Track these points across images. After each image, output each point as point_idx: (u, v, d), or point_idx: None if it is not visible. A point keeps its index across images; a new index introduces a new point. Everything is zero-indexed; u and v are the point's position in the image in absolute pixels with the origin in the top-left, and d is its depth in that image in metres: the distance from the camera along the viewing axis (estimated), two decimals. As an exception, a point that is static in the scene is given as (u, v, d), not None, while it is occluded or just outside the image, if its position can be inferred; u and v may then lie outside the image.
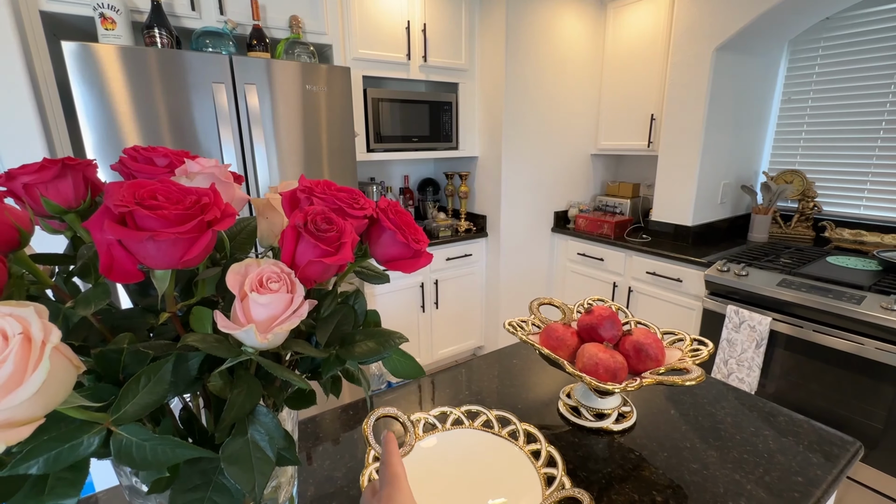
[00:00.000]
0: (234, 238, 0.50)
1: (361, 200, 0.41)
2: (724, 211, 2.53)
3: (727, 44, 2.11)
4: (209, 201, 0.29)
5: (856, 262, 1.89)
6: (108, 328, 0.38)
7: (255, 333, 0.29)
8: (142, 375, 0.30)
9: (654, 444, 0.82)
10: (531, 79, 2.54)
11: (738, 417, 0.90)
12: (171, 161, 0.40)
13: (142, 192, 0.28)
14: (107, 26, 1.50)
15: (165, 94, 1.57)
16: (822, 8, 2.03)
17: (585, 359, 0.81)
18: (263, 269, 0.31)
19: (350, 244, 0.34)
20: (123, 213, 0.27)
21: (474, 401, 0.96)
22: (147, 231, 0.26)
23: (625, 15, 2.56)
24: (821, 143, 2.38)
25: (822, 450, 0.80)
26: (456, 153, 2.69)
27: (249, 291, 0.30)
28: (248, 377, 0.36)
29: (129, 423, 0.28)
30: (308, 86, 1.83)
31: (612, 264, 2.51)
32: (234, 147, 1.71)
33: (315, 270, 0.33)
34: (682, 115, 2.30)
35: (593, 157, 2.98)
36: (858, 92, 2.22)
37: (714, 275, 1.93)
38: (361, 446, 0.82)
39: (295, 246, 0.33)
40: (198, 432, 0.39)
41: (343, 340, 0.41)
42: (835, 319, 1.60)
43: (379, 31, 2.25)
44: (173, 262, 0.28)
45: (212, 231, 0.28)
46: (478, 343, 2.95)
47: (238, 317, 0.30)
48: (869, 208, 2.24)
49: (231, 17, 1.81)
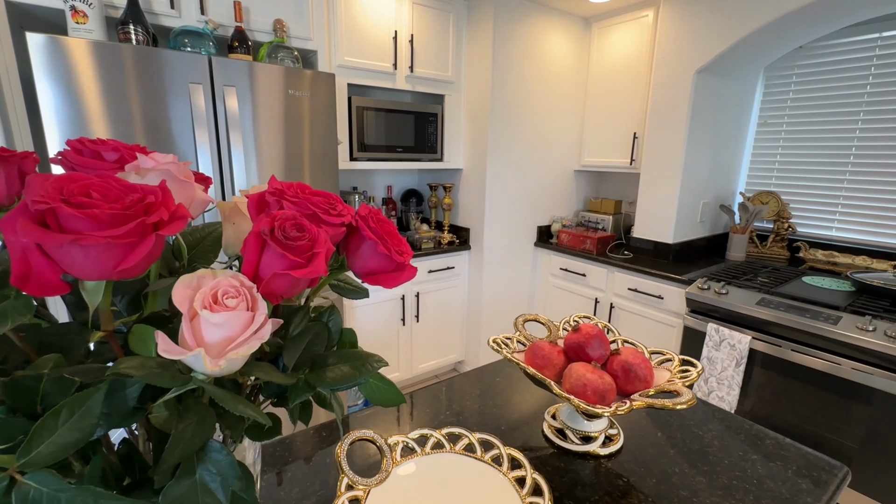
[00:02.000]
0: (196, 245, 0.45)
1: (339, 206, 0.37)
2: (703, 229, 2.57)
3: (708, 66, 2.16)
4: (155, 200, 0.25)
5: (830, 283, 1.93)
6: (36, 347, 0.32)
7: (205, 359, 0.24)
8: (63, 408, 0.25)
9: (641, 470, 0.79)
10: (517, 93, 2.55)
11: (726, 440, 0.88)
12: (121, 155, 0.36)
13: (71, 186, 0.23)
14: (78, 20, 1.43)
15: (139, 93, 1.50)
16: (797, 37, 2.11)
17: (573, 379, 0.77)
18: (219, 283, 0.26)
19: (324, 255, 0.30)
20: (43, 210, 0.22)
21: (455, 421, 0.92)
22: (71, 234, 0.22)
23: (609, 34, 2.61)
24: (794, 165, 2.45)
25: (810, 475, 0.78)
26: (440, 165, 2.66)
27: (200, 309, 0.25)
28: (200, 406, 0.31)
29: (40, 469, 0.23)
30: (291, 91, 1.79)
31: (595, 280, 2.51)
32: (211, 151, 1.64)
33: (281, 284, 0.28)
34: (664, 134, 2.34)
35: (577, 172, 3.01)
36: (830, 118, 2.30)
37: (695, 292, 1.94)
38: (334, 472, 0.76)
39: (259, 256, 0.29)
40: (139, 470, 0.33)
41: (314, 363, 0.37)
42: (812, 339, 1.62)
43: (365, 40, 2.22)
44: (107, 271, 0.23)
45: (156, 235, 0.24)
46: (458, 358, 2.89)
47: (186, 338, 0.25)
48: (840, 230, 2.30)
49: (212, 18, 1.76)
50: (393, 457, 0.76)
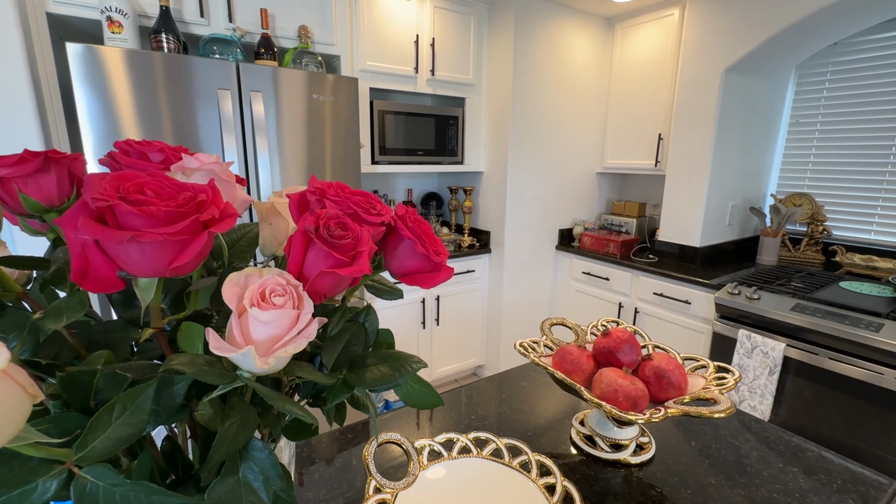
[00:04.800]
0: (233, 245, 0.45)
1: (378, 206, 0.36)
2: (731, 233, 2.49)
3: (736, 65, 2.10)
4: (207, 199, 0.25)
5: (870, 288, 1.84)
6: (85, 343, 0.33)
7: (255, 357, 0.24)
8: (116, 404, 0.25)
9: (675, 480, 0.76)
10: (538, 95, 2.53)
11: (764, 452, 0.84)
12: (167, 156, 0.36)
13: (127, 185, 0.24)
14: (114, 29, 1.48)
15: (169, 98, 1.54)
16: (831, 33, 2.03)
17: (604, 385, 0.75)
18: (266, 281, 0.26)
19: (367, 253, 0.29)
20: (102, 208, 0.22)
21: (481, 426, 0.90)
22: (130, 230, 0.22)
23: (633, 35, 2.57)
24: (829, 166, 2.36)
25: (857, 490, 0.74)
26: (461, 168, 2.66)
27: (249, 306, 0.25)
28: (243, 405, 0.31)
29: (96, 464, 0.23)
30: (315, 95, 1.81)
31: (618, 284, 2.46)
32: (238, 155, 1.68)
33: (327, 283, 0.28)
34: (691, 136, 2.28)
35: (599, 175, 2.96)
36: (867, 117, 2.21)
37: (725, 297, 1.89)
38: (361, 474, 0.76)
39: (304, 254, 0.28)
40: (181, 467, 0.33)
41: (352, 363, 0.36)
42: (852, 347, 1.55)
43: (387, 44, 2.24)
44: (160, 268, 0.23)
45: (208, 233, 0.24)
46: (478, 362, 2.87)
47: (235, 336, 0.25)
48: (880, 234, 2.20)
49: (240, 25, 1.80)
50: (419, 460, 0.76)
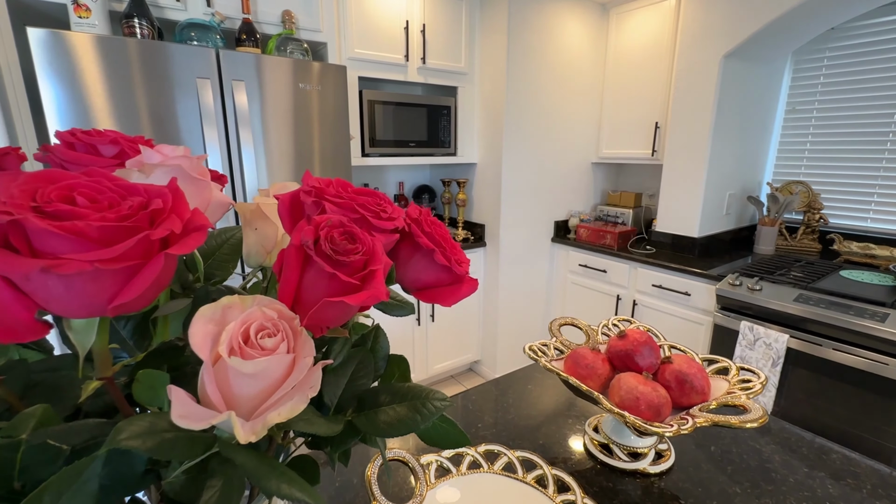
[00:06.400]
0: (212, 255, 0.38)
1: (388, 208, 0.30)
2: (728, 222, 2.47)
3: (736, 51, 2.05)
4: (164, 206, 0.18)
5: (870, 277, 1.83)
6: (20, 390, 0.26)
7: (237, 425, 0.17)
8: (45, 491, 0.18)
9: (698, 490, 0.72)
10: (532, 84, 2.46)
11: (787, 455, 0.80)
12: (121, 149, 0.29)
13: (49, 189, 0.17)
14: (80, 14, 1.37)
15: (145, 88, 1.44)
16: (831, 16, 1.99)
17: (623, 392, 0.70)
18: (251, 315, 0.20)
19: (382, 272, 0.23)
20: (4, 224, 0.15)
21: (489, 435, 0.85)
22: (44, 258, 0.15)
23: (628, 20, 2.50)
24: (826, 153, 2.34)
25: (888, 496, 0.71)
26: (454, 159, 2.59)
27: (227, 354, 0.18)
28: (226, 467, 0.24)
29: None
30: (301, 84, 1.72)
31: (616, 276, 2.42)
32: (220, 148, 1.58)
33: (331, 314, 0.21)
34: (689, 124, 2.24)
35: (594, 165, 2.91)
36: (864, 103, 2.18)
37: (726, 289, 1.85)
38: (363, 495, 0.70)
39: (300, 276, 0.22)
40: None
41: (361, 401, 0.30)
42: (856, 337, 1.53)
43: (376, 31, 2.15)
44: (96, 307, 0.17)
45: (164, 256, 0.17)
46: (474, 357, 2.83)
47: (209, 394, 0.18)
48: (877, 221, 2.19)
49: (219, 10, 1.69)
50: (426, 478, 0.70)
